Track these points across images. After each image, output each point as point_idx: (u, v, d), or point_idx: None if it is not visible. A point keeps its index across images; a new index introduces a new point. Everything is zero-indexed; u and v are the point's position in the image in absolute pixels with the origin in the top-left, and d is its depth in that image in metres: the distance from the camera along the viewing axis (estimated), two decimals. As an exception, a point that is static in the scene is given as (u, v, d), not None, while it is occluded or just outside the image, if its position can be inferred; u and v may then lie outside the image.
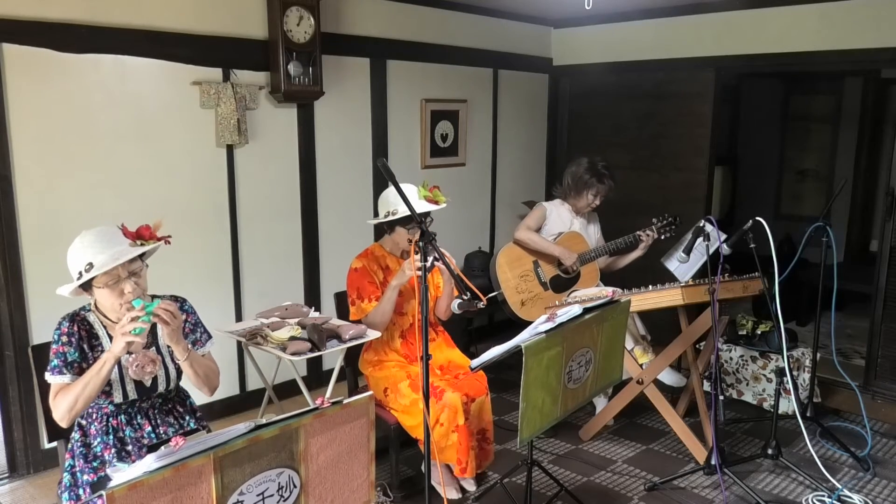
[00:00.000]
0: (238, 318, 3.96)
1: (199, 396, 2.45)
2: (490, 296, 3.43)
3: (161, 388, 2.28)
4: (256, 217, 4.02)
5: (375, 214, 3.21)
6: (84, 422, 2.24)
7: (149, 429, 2.26)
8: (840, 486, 3.22)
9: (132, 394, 2.22)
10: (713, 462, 3.20)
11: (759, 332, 4.18)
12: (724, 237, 3.29)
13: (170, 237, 2.22)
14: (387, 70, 4.52)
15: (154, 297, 2.33)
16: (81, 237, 2.14)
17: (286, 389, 3.94)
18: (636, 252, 4.00)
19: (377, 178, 4.53)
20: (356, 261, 3.18)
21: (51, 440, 2.42)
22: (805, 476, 3.28)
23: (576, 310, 2.56)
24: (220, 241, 3.89)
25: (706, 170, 4.99)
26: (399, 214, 3.00)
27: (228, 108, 3.72)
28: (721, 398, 3.90)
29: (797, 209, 7.15)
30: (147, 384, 2.25)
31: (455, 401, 2.93)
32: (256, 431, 1.58)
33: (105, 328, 2.24)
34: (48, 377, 2.15)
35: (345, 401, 1.78)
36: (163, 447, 1.47)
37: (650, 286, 3.43)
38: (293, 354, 2.96)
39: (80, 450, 2.20)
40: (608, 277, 4.24)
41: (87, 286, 2.14)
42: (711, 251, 3.22)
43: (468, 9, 4.90)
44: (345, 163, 4.41)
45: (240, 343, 3.56)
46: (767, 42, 4.58)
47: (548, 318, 2.47)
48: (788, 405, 3.95)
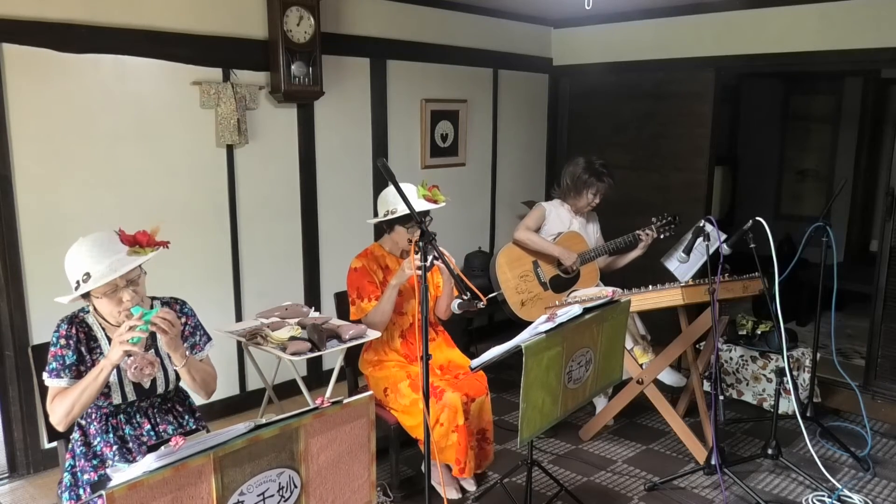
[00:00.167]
0: (238, 318, 3.96)
1: (199, 397, 2.45)
2: (490, 296, 3.43)
3: (160, 390, 2.28)
4: (256, 217, 4.02)
5: (375, 214, 3.21)
6: (83, 422, 2.24)
7: (148, 427, 2.26)
8: (840, 486, 3.22)
9: (131, 395, 2.23)
10: (713, 462, 3.20)
11: (759, 332, 4.18)
12: (724, 237, 3.29)
13: (168, 242, 2.22)
14: (387, 70, 4.52)
15: (154, 300, 2.34)
16: (79, 244, 2.12)
17: (286, 389, 3.94)
18: (636, 251, 3.99)
19: (377, 178, 4.53)
20: (356, 260, 3.18)
21: (51, 440, 2.42)
22: (805, 476, 3.29)
23: (576, 310, 2.56)
24: (220, 241, 3.89)
25: (706, 170, 4.99)
26: (398, 213, 3.00)
27: (228, 108, 3.72)
28: (721, 398, 3.90)
29: (797, 209, 7.15)
30: (146, 386, 2.25)
31: (455, 401, 2.93)
32: (256, 431, 1.58)
33: (104, 330, 2.23)
34: (46, 380, 2.16)
35: (345, 401, 1.78)
36: (163, 447, 1.47)
37: (650, 286, 3.43)
38: (293, 354, 2.96)
39: (81, 449, 2.20)
40: (608, 277, 4.24)
41: (86, 294, 2.14)
42: (711, 251, 3.22)
43: (468, 9, 4.90)
44: (345, 163, 4.41)
45: (240, 343, 3.56)
46: (767, 42, 4.58)
47: (548, 318, 2.47)
48: (788, 405, 3.95)
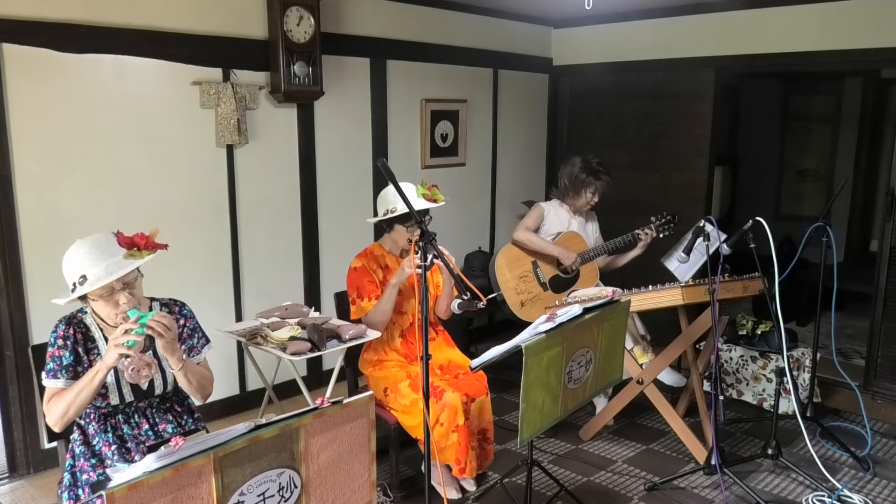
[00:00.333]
0: (238, 318, 3.96)
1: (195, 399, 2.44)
2: (490, 297, 3.43)
3: (158, 391, 2.28)
4: (256, 217, 4.02)
5: (375, 214, 3.21)
6: (82, 422, 2.24)
7: (146, 427, 2.26)
8: (840, 486, 3.22)
9: (129, 396, 2.22)
10: (713, 462, 3.20)
11: (759, 332, 4.18)
12: (724, 237, 3.29)
13: (166, 245, 2.21)
14: (387, 70, 4.52)
15: (153, 301, 2.33)
16: (76, 246, 2.12)
17: (286, 389, 3.94)
18: (635, 250, 3.99)
19: (377, 178, 4.53)
20: (356, 260, 3.18)
21: (51, 440, 2.43)
22: (805, 476, 3.28)
23: (576, 310, 2.56)
24: (220, 241, 3.89)
25: (706, 170, 4.99)
26: (398, 212, 3.01)
27: (228, 108, 3.72)
28: (721, 398, 3.90)
29: (797, 209, 7.15)
30: (143, 387, 2.25)
31: (455, 401, 2.93)
32: (256, 431, 1.58)
33: (102, 331, 2.23)
34: (43, 380, 2.16)
35: (345, 401, 1.78)
36: (163, 447, 1.47)
37: (650, 286, 3.43)
38: (293, 354, 2.95)
39: (81, 449, 2.20)
40: (608, 277, 4.24)
41: (83, 296, 2.13)
42: (711, 251, 3.22)
43: (468, 9, 4.90)
44: (345, 163, 4.41)
45: (240, 343, 3.56)
46: (767, 42, 4.58)
47: (548, 318, 2.47)
48: (788, 405, 3.95)
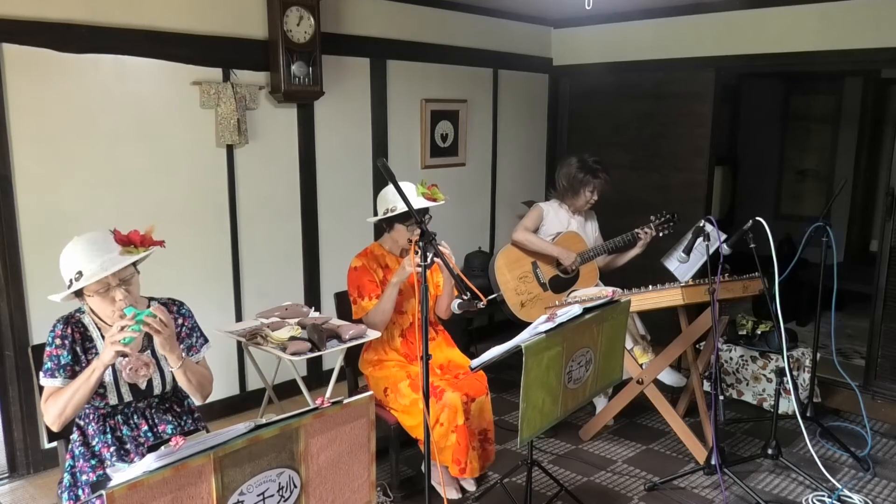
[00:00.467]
0: (238, 318, 3.96)
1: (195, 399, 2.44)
2: (490, 297, 3.43)
3: (156, 391, 2.28)
4: (256, 217, 4.02)
5: (375, 214, 3.21)
6: (82, 422, 2.24)
7: (145, 428, 2.25)
8: (840, 486, 3.22)
9: (127, 396, 2.22)
10: (713, 462, 3.20)
11: (759, 332, 4.18)
12: (724, 237, 3.29)
13: (163, 242, 2.21)
14: (387, 70, 4.52)
15: (152, 300, 2.33)
16: (73, 243, 2.12)
17: (286, 389, 3.94)
18: (635, 250, 3.99)
19: (377, 178, 4.53)
20: (356, 260, 3.18)
21: (51, 440, 2.43)
22: (805, 476, 3.28)
23: (576, 310, 2.56)
24: (220, 241, 3.89)
25: (706, 170, 4.99)
26: (398, 211, 3.01)
27: (228, 108, 3.72)
28: (721, 398, 3.90)
29: (797, 209, 7.15)
30: (142, 387, 2.24)
31: (455, 401, 2.93)
32: (256, 431, 1.58)
33: (99, 330, 2.23)
34: (41, 379, 2.16)
35: (345, 401, 1.78)
36: (163, 447, 1.47)
37: (650, 286, 3.43)
38: (293, 354, 2.95)
39: (80, 450, 2.20)
40: (607, 276, 4.24)
41: (79, 293, 2.14)
42: (711, 251, 3.22)
43: (468, 9, 4.90)
44: (345, 163, 4.41)
45: (240, 343, 3.56)
46: (767, 42, 4.58)
47: (548, 318, 2.47)
48: (788, 405, 3.95)
